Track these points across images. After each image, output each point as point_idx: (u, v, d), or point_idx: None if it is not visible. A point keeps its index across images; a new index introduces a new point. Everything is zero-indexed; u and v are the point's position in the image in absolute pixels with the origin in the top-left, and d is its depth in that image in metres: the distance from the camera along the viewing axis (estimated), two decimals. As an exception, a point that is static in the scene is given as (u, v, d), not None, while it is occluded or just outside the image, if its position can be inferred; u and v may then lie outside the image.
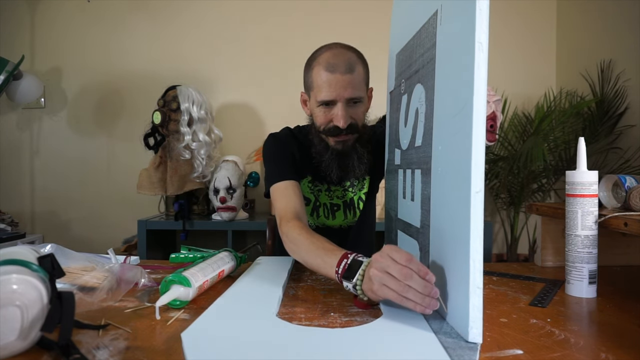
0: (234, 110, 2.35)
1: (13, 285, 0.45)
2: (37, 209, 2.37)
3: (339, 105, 0.93)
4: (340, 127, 0.94)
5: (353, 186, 1.12)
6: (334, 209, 1.11)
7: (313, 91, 0.96)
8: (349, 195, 1.11)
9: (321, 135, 0.99)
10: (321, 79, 0.93)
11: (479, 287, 0.49)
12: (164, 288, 0.63)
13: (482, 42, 0.48)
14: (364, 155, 1.01)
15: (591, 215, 0.71)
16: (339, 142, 0.98)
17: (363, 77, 0.96)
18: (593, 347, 0.51)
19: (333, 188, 1.11)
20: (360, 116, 0.98)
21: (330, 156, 1.00)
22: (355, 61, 0.94)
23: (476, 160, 0.48)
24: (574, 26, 2.24)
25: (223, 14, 2.34)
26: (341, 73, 0.91)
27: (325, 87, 0.92)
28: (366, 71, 0.98)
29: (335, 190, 1.11)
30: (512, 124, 2.23)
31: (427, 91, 0.66)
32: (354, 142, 1.00)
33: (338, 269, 0.66)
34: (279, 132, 1.10)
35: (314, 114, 0.99)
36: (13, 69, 2.01)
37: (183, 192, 1.95)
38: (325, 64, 0.92)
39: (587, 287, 0.71)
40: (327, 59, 0.93)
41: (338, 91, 0.92)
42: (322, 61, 0.93)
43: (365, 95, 0.98)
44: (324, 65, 0.92)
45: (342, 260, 0.66)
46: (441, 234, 0.59)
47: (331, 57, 0.93)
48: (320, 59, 0.94)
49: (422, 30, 0.69)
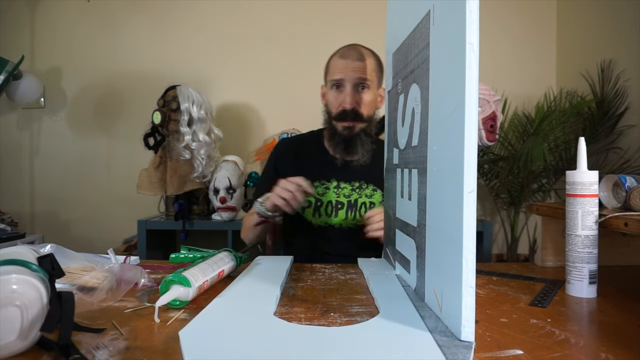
0: (234, 110, 2.35)
1: (13, 285, 0.45)
2: (37, 209, 2.37)
3: (347, 86, 1.08)
4: (346, 107, 1.07)
5: (361, 189, 1.15)
6: (338, 207, 1.15)
7: (328, 76, 1.14)
8: (354, 196, 1.15)
9: (332, 122, 1.13)
10: (334, 64, 1.11)
11: (471, 287, 0.49)
12: (164, 288, 0.63)
13: (472, 42, 0.48)
14: (368, 144, 1.15)
15: (591, 215, 0.71)
16: (346, 128, 1.11)
17: (373, 68, 1.10)
18: (593, 347, 0.51)
19: (342, 185, 1.15)
20: (367, 104, 1.10)
21: (338, 139, 1.13)
22: (367, 54, 1.10)
23: (468, 161, 0.49)
24: (574, 26, 2.24)
25: (223, 14, 2.34)
26: (352, 60, 1.08)
27: (337, 69, 1.09)
28: (379, 66, 1.13)
29: (344, 188, 1.15)
30: (512, 124, 2.23)
31: (422, 91, 0.66)
32: (359, 131, 1.12)
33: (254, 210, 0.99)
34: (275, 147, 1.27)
35: (328, 100, 1.14)
36: (13, 69, 2.01)
37: (183, 192, 1.95)
38: (340, 54, 1.11)
39: (587, 287, 0.71)
40: (343, 50, 1.12)
41: (347, 72, 1.07)
42: (338, 52, 1.12)
43: (374, 85, 1.11)
44: (339, 54, 1.11)
45: None
46: (436, 233, 0.59)
47: (347, 50, 1.11)
48: (339, 51, 1.13)
49: (416, 30, 0.70)
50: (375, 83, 1.11)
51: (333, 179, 1.16)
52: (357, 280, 0.81)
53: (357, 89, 1.08)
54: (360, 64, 1.07)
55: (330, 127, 1.14)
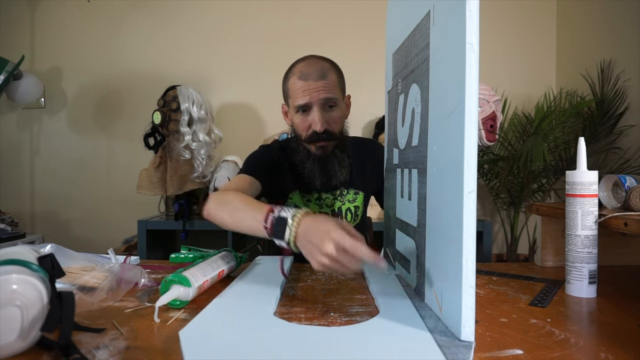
0: (234, 110, 2.35)
1: (13, 285, 0.45)
2: (37, 209, 2.37)
3: (315, 108, 0.99)
4: (318, 130, 0.98)
5: (342, 195, 1.13)
6: None
7: (290, 99, 1.02)
8: (337, 204, 1.13)
9: (303, 144, 1.04)
10: (296, 87, 0.99)
11: (471, 287, 0.49)
12: (164, 288, 0.63)
13: (472, 42, 0.49)
14: (344, 160, 1.06)
15: (591, 215, 0.71)
16: (319, 148, 1.03)
17: (337, 83, 1.01)
18: (593, 347, 0.51)
19: (324, 196, 1.12)
20: (337, 122, 1.03)
21: (312, 162, 1.04)
22: (328, 68, 1.00)
23: (468, 161, 0.49)
24: (574, 26, 2.24)
25: (223, 13, 2.34)
26: (314, 80, 0.98)
27: (300, 93, 0.98)
28: (340, 79, 1.04)
29: (325, 199, 1.12)
30: (512, 124, 2.23)
31: (422, 91, 0.66)
32: (333, 149, 1.04)
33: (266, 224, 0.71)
34: (270, 145, 1.16)
35: (294, 123, 1.04)
36: (13, 69, 2.01)
37: (183, 192, 1.95)
38: (299, 74, 0.99)
39: (587, 287, 0.71)
40: (300, 69, 1.00)
41: (312, 94, 0.98)
42: (296, 72, 1.00)
43: (341, 100, 1.03)
44: (298, 75, 0.99)
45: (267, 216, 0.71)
46: (436, 233, 0.59)
47: (304, 67, 1.00)
48: (295, 69, 1.01)
49: (416, 30, 0.70)
50: (340, 96, 1.03)
51: (314, 191, 1.11)
52: (357, 280, 0.81)
53: (324, 108, 1.00)
54: (324, 83, 0.98)
55: (302, 147, 1.05)
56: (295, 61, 1.04)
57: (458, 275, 0.50)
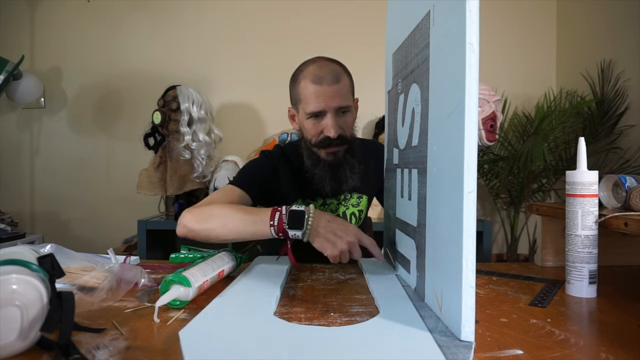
0: (234, 110, 2.35)
1: (13, 285, 0.45)
2: (37, 209, 2.37)
3: (329, 115, 0.95)
4: (331, 137, 0.95)
5: (346, 200, 1.11)
6: None
7: (301, 104, 0.98)
8: (341, 209, 1.11)
9: (312, 149, 1.01)
10: (309, 91, 0.95)
11: (471, 286, 0.49)
12: (164, 288, 0.63)
13: (472, 42, 0.48)
14: (355, 165, 1.03)
15: (591, 215, 0.71)
16: (330, 154, 1.00)
17: (349, 87, 0.99)
18: (593, 347, 0.51)
19: (329, 201, 1.10)
20: (349, 126, 1.01)
21: (323, 168, 1.01)
22: (340, 72, 0.97)
23: (468, 161, 0.49)
24: (574, 26, 2.24)
25: (223, 14, 2.34)
26: (328, 84, 0.94)
27: (314, 99, 0.94)
28: (351, 82, 1.01)
29: (330, 204, 1.10)
30: (512, 124, 2.23)
31: (422, 91, 0.66)
32: (344, 153, 1.01)
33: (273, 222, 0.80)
34: (271, 153, 1.11)
35: (304, 128, 1.01)
36: (13, 69, 2.01)
37: (183, 192, 1.95)
38: (311, 77, 0.95)
39: (587, 287, 0.71)
40: (313, 71, 0.96)
41: (327, 101, 0.94)
42: (308, 74, 0.96)
43: (352, 104, 1.00)
44: (311, 78, 0.95)
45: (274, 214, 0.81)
46: (436, 233, 0.59)
47: (317, 70, 0.95)
48: (306, 72, 0.97)
49: (416, 30, 0.70)
50: (352, 101, 1.01)
51: (319, 196, 1.09)
52: (357, 280, 0.81)
53: (338, 114, 0.96)
54: (338, 88, 0.94)
55: (311, 153, 1.02)
56: (303, 63, 1.01)
57: (458, 275, 0.50)
